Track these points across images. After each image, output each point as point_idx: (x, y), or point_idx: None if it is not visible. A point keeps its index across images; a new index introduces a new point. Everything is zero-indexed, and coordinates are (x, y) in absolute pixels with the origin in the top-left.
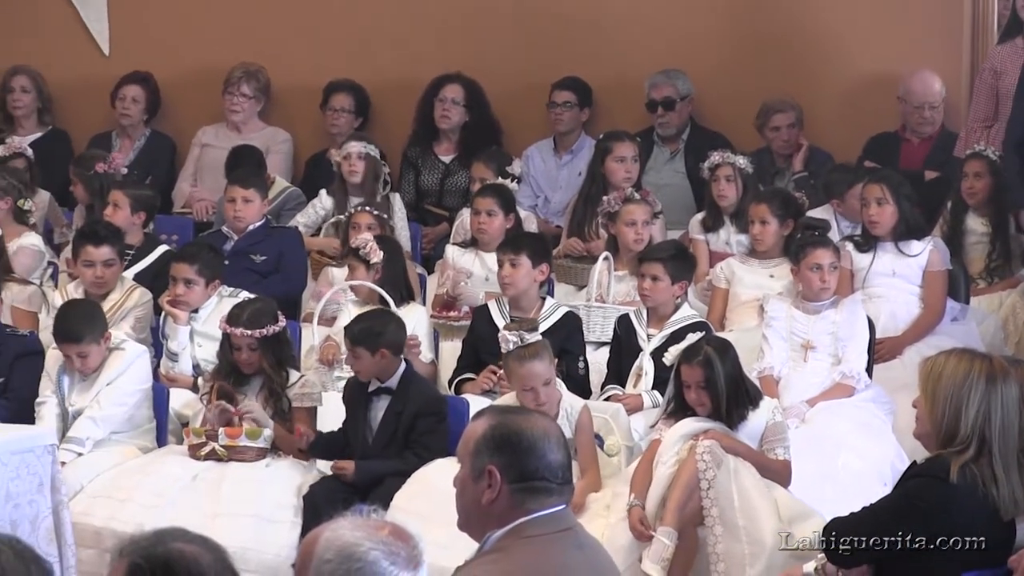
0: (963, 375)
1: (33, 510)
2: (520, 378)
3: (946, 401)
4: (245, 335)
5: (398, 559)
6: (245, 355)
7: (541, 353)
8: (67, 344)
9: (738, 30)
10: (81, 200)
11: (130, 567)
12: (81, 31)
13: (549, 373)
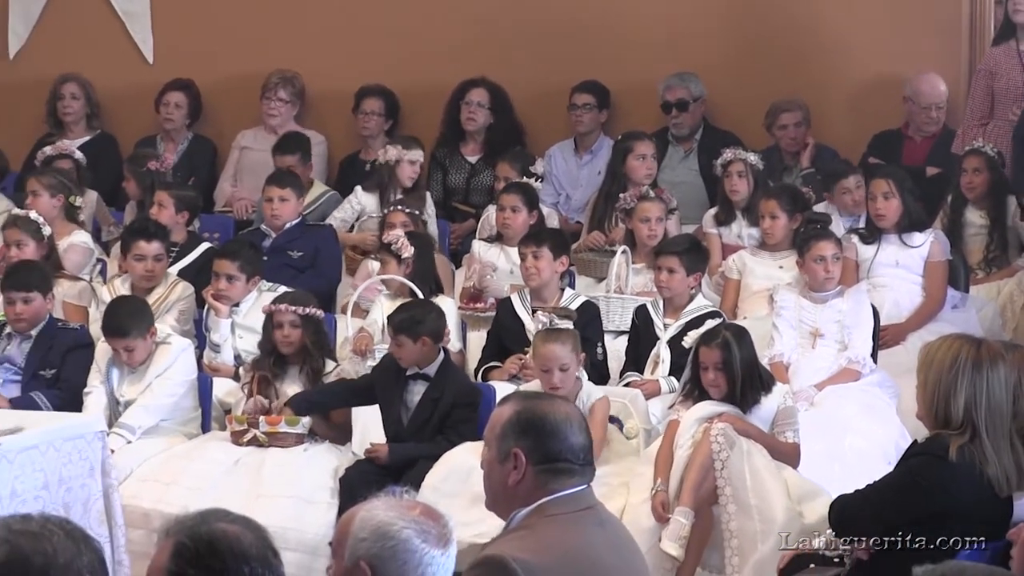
0: (951, 363)
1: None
2: (540, 357)
3: (936, 388)
4: (289, 310)
5: (429, 537)
6: (287, 331)
7: (564, 339)
8: (115, 339)
9: (748, 34)
10: (133, 196)
11: (176, 546)
12: (127, 41)
13: (568, 360)
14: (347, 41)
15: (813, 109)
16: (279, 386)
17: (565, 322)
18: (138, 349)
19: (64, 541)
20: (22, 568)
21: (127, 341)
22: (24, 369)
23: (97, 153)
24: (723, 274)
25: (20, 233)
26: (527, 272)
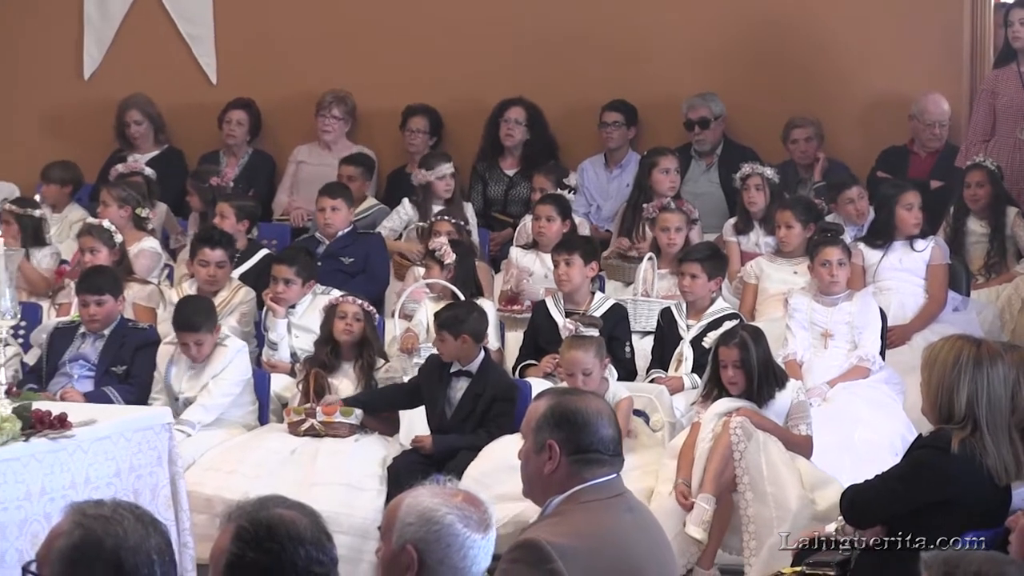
0: (953, 362)
1: (153, 480)
2: (565, 362)
3: (940, 385)
4: (356, 302)
5: (470, 522)
6: (350, 321)
7: (587, 346)
8: (186, 333)
9: (764, 57)
10: (195, 208)
11: (237, 530)
12: (192, 63)
13: (591, 365)
14: (395, 63)
15: (825, 126)
16: (332, 380)
17: (591, 329)
18: (206, 343)
19: (134, 524)
20: (95, 549)
21: (198, 335)
22: (97, 366)
23: (165, 167)
24: (742, 279)
25: (94, 240)
26: (560, 278)
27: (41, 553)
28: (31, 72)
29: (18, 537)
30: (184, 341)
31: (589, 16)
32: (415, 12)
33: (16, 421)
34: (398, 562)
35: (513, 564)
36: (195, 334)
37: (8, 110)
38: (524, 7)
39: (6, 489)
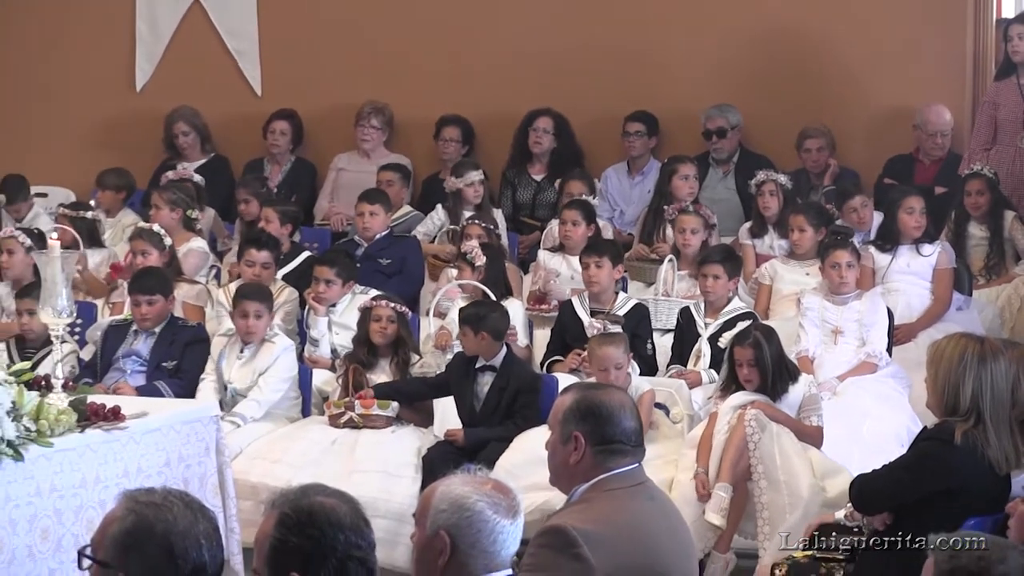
0: (959, 358)
1: (201, 469)
2: (597, 359)
3: (946, 380)
4: (389, 305)
5: (500, 508)
6: (384, 323)
7: (617, 341)
8: (249, 302)
9: (778, 71)
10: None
11: (280, 516)
12: (238, 76)
13: (622, 360)
14: (430, 76)
15: (836, 136)
16: (370, 376)
17: (615, 327)
18: (264, 318)
19: (183, 511)
20: (147, 534)
21: (259, 306)
22: (149, 361)
23: (212, 174)
24: (756, 280)
25: (145, 243)
26: (590, 279)
27: (96, 538)
28: (86, 85)
29: (74, 523)
30: (244, 312)
31: (613, 32)
32: (449, 28)
33: (72, 413)
34: (432, 546)
35: (541, 548)
36: (257, 304)
37: (65, 120)
38: (551, 24)
39: (63, 477)
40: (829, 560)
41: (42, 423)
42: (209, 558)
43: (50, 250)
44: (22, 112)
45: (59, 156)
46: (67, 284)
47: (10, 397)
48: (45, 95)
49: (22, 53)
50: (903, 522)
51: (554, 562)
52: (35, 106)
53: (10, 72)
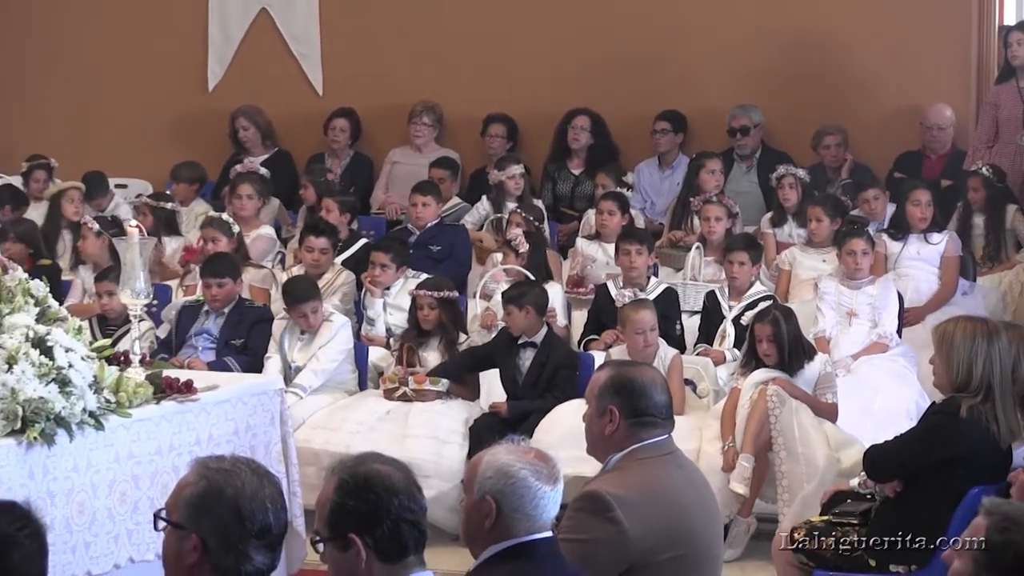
0: (970, 338)
1: (267, 438)
2: (633, 322)
3: (959, 359)
4: (427, 295)
5: (541, 475)
6: (426, 312)
7: (648, 306)
8: (300, 303)
9: (798, 73)
10: (308, 200)
11: (339, 482)
12: (301, 77)
13: (654, 322)
14: (477, 77)
15: (850, 133)
16: (422, 353)
17: (642, 294)
18: (317, 312)
19: (250, 476)
20: (217, 498)
21: (312, 303)
22: (218, 339)
23: (275, 167)
24: (777, 266)
25: (215, 231)
26: (630, 265)
27: (170, 501)
28: (163, 85)
29: (150, 487)
30: (301, 312)
31: (645, 37)
32: (494, 33)
33: (149, 386)
34: (479, 509)
35: (578, 512)
36: (309, 303)
37: (142, 118)
38: (589, 29)
39: (140, 445)
40: (843, 524)
41: (121, 395)
42: (274, 520)
43: (129, 237)
44: (105, 110)
45: (138, 150)
46: (144, 268)
47: (92, 371)
48: (126, 94)
49: (106, 56)
50: (911, 490)
51: (590, 524)
52: (117, 104)
53: (95, 74)
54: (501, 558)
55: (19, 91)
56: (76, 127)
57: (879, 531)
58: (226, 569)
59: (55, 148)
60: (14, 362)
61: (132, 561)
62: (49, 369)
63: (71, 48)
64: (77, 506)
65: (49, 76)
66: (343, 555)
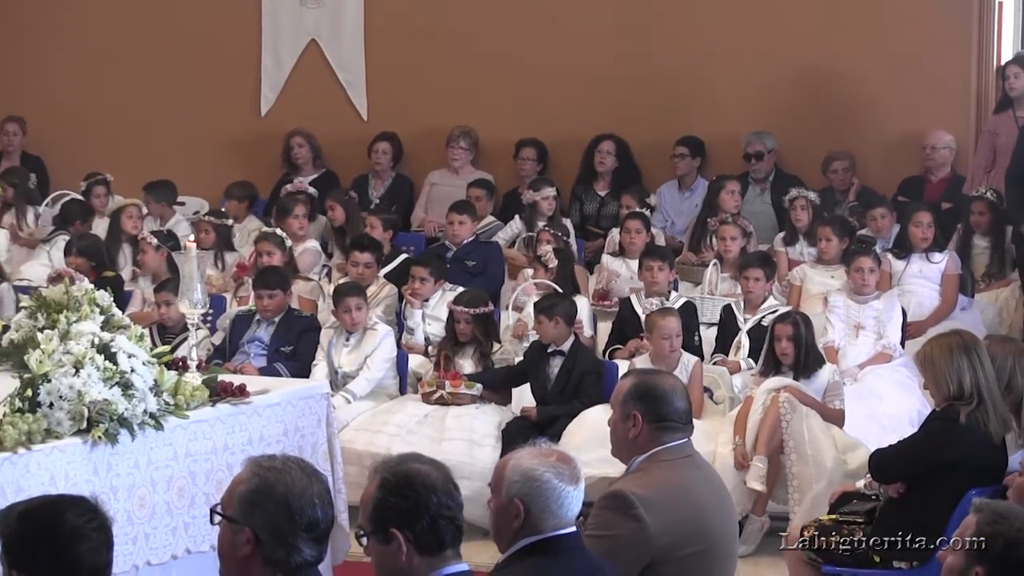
0: (948, 353)
1: (314, 438)
2: (660, 328)
3: (946, 375)
4: (464, 312)
5: (563, 477)
6: (462, 326)
7: (674, 313)
8: (347, 297)
9: (809, 102)
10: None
11: (381, 480)
12: (347, 103)
13: (679, 328)
14: (510, 105)
15: (857, 159)
16: (458, 361)
17: (667, 303)
18: (361, 310)
19: (300, 474)
20: (268, 494)
21: (356, 300)
22: (269, 346)
23: (323, 187)
24: (789, 281)
25: (269, 245)
26: (652, 279)
27: (225, 497)
28: (218, 110)
29: (205, 483)
30: (346, 308)
31: (666, 68)
32: (526, 64)
33: (205, 390)
34: (508, 511)
35: (604, 510)
36: (354, 298)
37: (199, 140)
38: (613, 61)
39: (197, 444)
40: (850, 523)
41: (179, 398)
42: (322, 515)
43: (188, 251)
44: (165, 133)
45: (195, 170)
46: (201, 279)
47: (152, 375)
48: (184, 118)
49: (166, 83)
50: (914, 491)
51: (615, 521)
52: (176, 128)
53: (157, 99)
54: (528, 552)
55: (86, 114)
56: (139, 149)
57: (883, 530)
58: (277, 561)
59: (117, 168)
60: (81, 367)
61: (189, 552)
62: (113, 373)
63: (135, 76)
64: (138, 500)
65: (115, 102)
66: (385, 548)
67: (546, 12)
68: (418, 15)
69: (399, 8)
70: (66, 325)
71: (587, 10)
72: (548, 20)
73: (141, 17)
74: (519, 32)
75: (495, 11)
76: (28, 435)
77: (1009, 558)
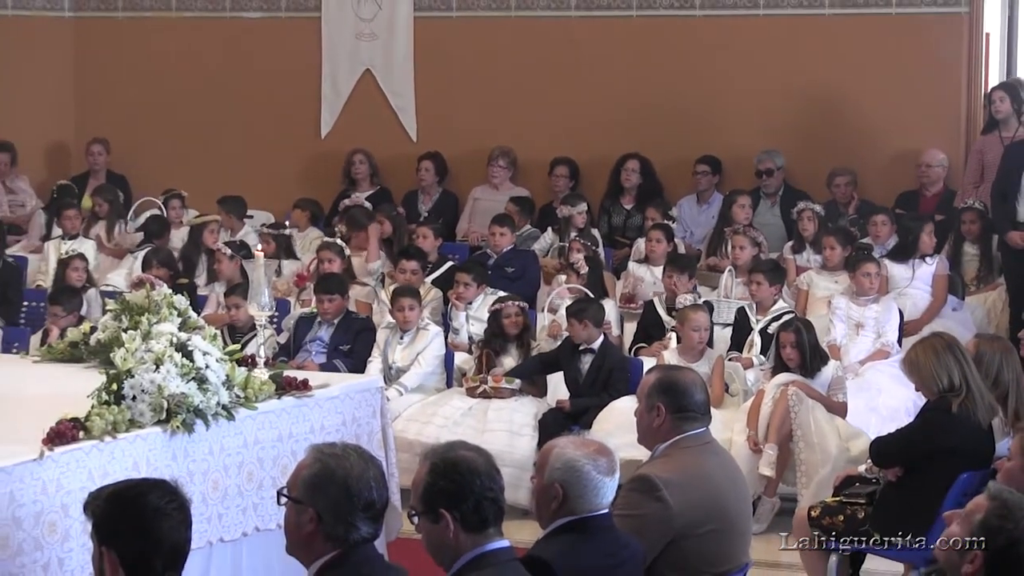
0: (932, 353)
1: (369, 428)
2: (691, 320)
3: (934, 374)
4: (515, 304)
5: (601, 469)
6: (513, 319)
7: (704, 309)
8: (402, 299)
9: (814, 124)
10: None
11: (431, 465)
12: (399, 126)
13: (708, 323)
14: (545, 126)
15: (858, 175)
16: (501, 358)
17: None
18: (414, 310)
19: (357, 460)
20: (329, 478)
21: (410, 300)
22: (329, 345)
23: (378, 202)
24: (796, 286)
25: (330, 253)
26: (675, 285)
27: (291, 480)
28: (283, 133)
29: (272, 468)
30: (400, 307)
31: (687, 94)
32: (559, 90)
33: (271, 384)
34: (548, 493)
35: (631, 492)
36: (407, 299)
37: (267, 160)
38: (638, 87)
39: (265, 433)
40: (853, 503)
41: (248, 391)
42: (377, 496)
43: (256, 259)
44: (238, 155)
45: (263, 187)
46: (268, 285)
47: (225, 371)
48: (253, 140)
49: (237, 109)
50: (911, 475)
51: (641, 502)
52: (246, 148)
53: (228, 123)
54: (564, 530)
55: (165, 137)
56: (212, 168)
57: (883, 510)
58: (336, 537)
59: (193, 184)
60: (160, 363)
61: (257, 530)
62: (189, 369)
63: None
64: (212, 483)
65: (191, 125)
66: (434, 526)
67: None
68: (461, 47)
69: (444, 41)
70: (147, 326)
71: (615, 44)
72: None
73: (215, 51)
74: (553, 62)
75: (530, 43)
76: (114, 425)
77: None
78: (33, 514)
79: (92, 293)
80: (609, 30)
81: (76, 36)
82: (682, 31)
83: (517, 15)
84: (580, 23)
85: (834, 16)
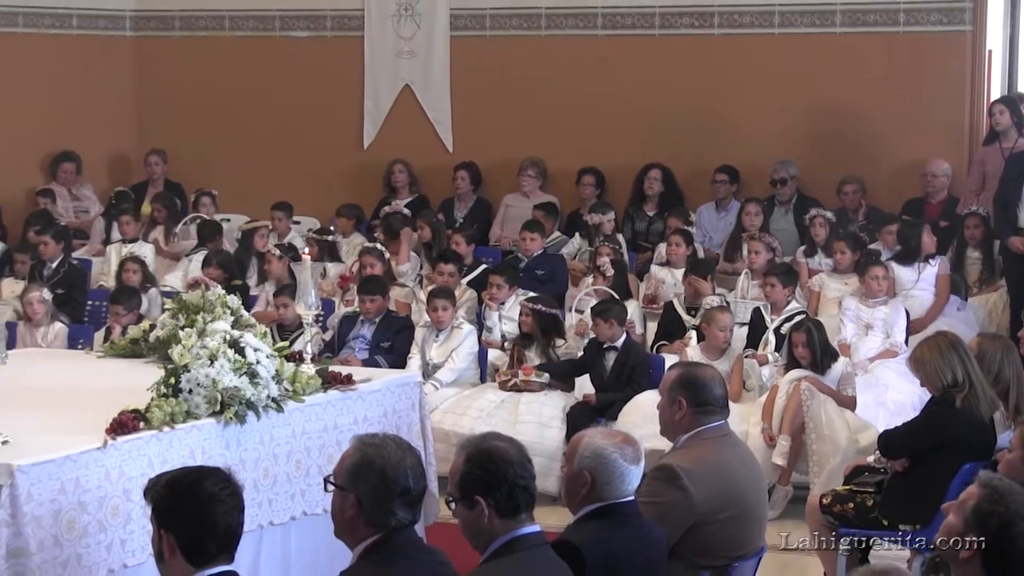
0: (937, 352)
1: (408, 419)
2: (717, 320)
3: (939, 373)
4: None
5: (627, 457)
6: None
7: (729, 310)
8: (436, 299)
9: (825, 136)
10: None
11: (467, 455)
12: (436, 138)
13: (732, 323)
14: (572, 137)
15: (866, 183)
16: (528, 353)
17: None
18: (448, 311)
19: (396, 449)
20: (370, 466)
21: (443, 302)
22: (371, 342)
23: (417, 209)
24: (809, 288)
25: (372, 258)
26: (697, 287)
27: (336, 469)
28: (329, 144)
29: (318, 457)
30: (434, 307)
31: (706, 107)
32: (586, 104)
33: (318, 379)
34: (577, 480)
35: (654, 480)
36: (441, 300)
37: (314, 170)
38: (661, 100)
39: (312, 424)
40: (862, 492)
41: (296, 385)
42: (414, 483)
43: (304, 262)
44: (287, 165)
45: (309, 194)
46: (314, 286)
47: (274, 366)
48: (300, 151)
49: (285, 122)
50: (917, 465)
51: (663, 490)
52: (294, 160)
53: (276, 135)
54: (593, 516)
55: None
56: (263, 178)
57: (890, 498)
58: (377, 522)
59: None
60: (215, 359)
61: (305, 514)
62: (241, 364)
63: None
64: (262, 471)
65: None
66: (470, 512)
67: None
68: (495, 64)
69: (478, 59)
70: (203, 324)
71: (639, 61)
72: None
73: (265, 68)
74: (580, 78)
75: (559, 60)
76: (171, 416)
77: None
78: (97, 499)
79: (153, 293)
80: (633, 48)
81: (136, 54)
82: (702, 49)
83: (547, 34)
84: (606, 41)
85: (845, 34)
